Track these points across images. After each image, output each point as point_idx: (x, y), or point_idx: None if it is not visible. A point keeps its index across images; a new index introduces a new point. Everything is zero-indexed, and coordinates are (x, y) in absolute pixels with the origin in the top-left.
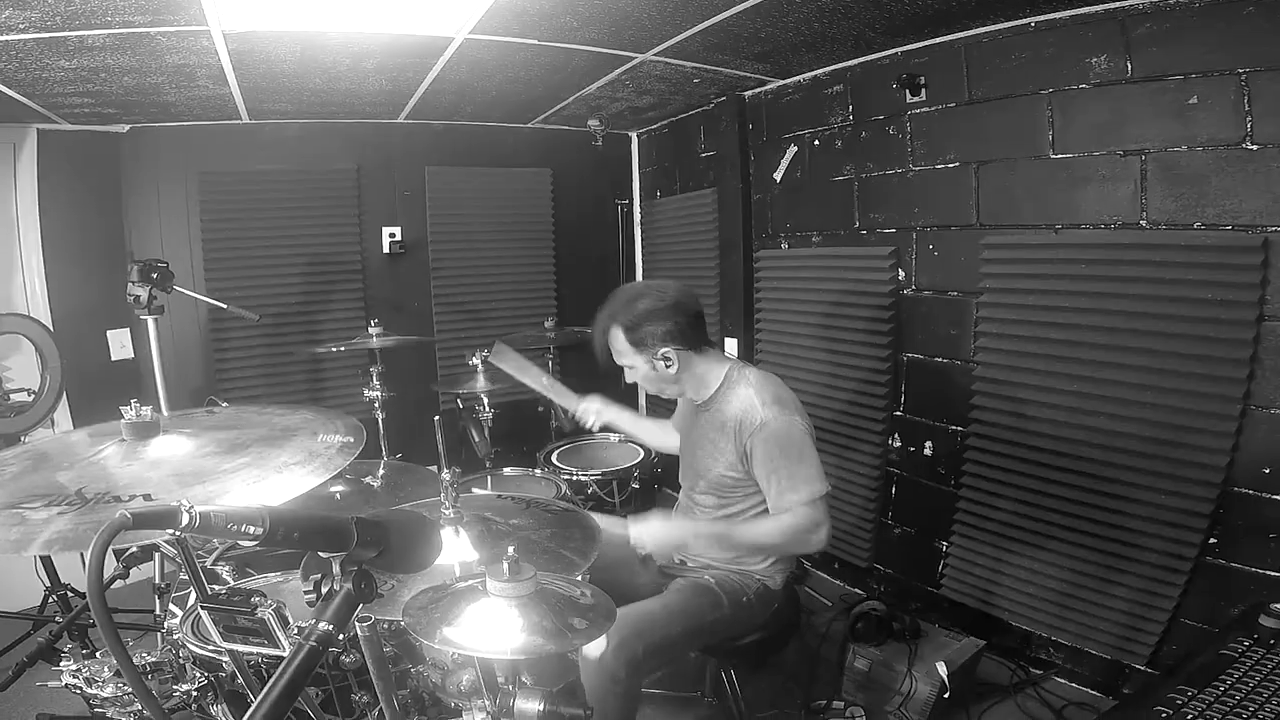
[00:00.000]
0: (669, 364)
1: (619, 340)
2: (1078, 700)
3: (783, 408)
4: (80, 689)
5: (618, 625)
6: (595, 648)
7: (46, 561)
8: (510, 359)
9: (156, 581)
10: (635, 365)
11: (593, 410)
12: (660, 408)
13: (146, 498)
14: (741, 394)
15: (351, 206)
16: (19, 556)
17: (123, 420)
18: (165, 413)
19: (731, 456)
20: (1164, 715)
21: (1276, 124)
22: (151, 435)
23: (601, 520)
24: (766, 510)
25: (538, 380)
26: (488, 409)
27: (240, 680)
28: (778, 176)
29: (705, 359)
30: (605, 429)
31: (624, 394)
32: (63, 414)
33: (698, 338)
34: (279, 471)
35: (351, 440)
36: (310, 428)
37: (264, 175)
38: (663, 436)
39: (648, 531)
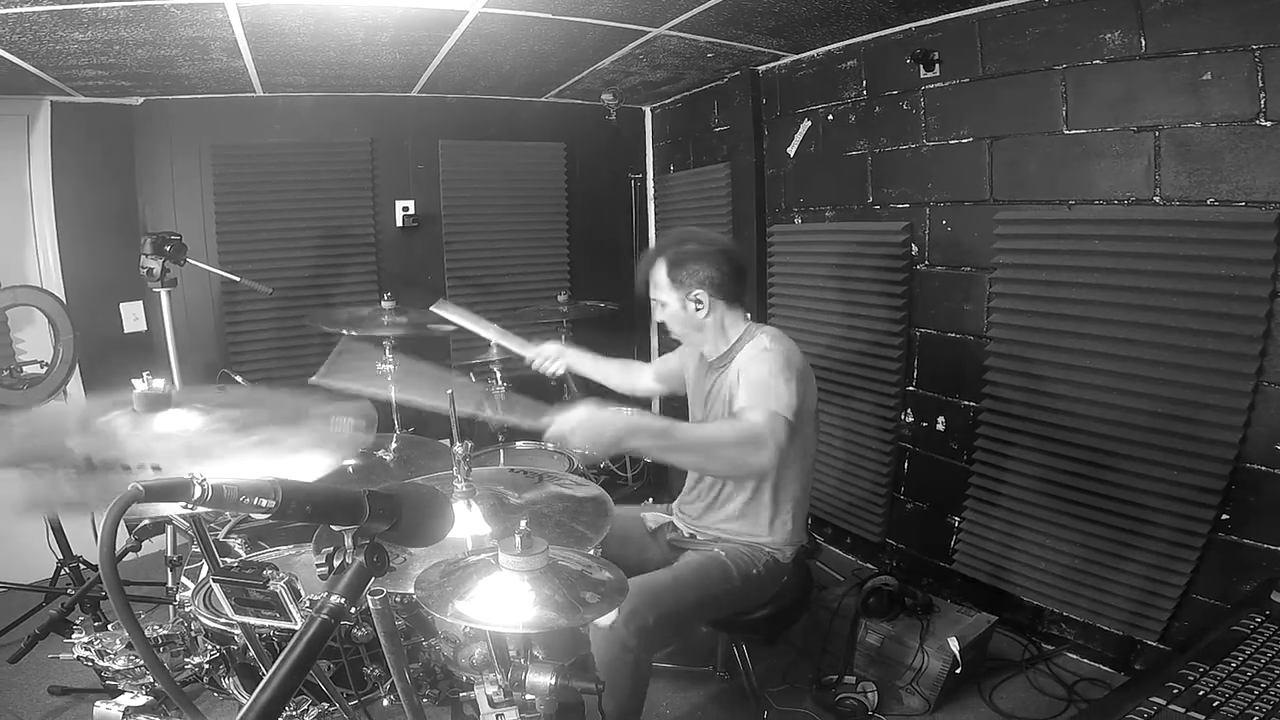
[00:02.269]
0: (699, 307)
1: (659, 273)
2: (1089, 676)
3: (785, 348)
4: (92, 661)
5: (629, 595)
6: (606, 616)
7: (59, 534)
8: (453, 310)
9: (168, 554)
10: (668, 302)
11: (550, 355)
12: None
13: (156, 469)
14: (751, 344)
15: (365, 180)
16: (31, 529)
17: (134, 391)
18: (177, 385)
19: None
20: (1176, 691)
21: None
22: (162, 408)
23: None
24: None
25: (488, 329)
26: (500, 383)
27: (252, 653)
28: (791, 151)
29: (733, 315)
30: (567, 374)
31: (622, 351)
32: (75, 386)
33: (734, 292)
34: (293, 452)
35: (364, 423)
36: (323, 413)
37: (277, 148)
38: (626, 376)
39: (571, 420)
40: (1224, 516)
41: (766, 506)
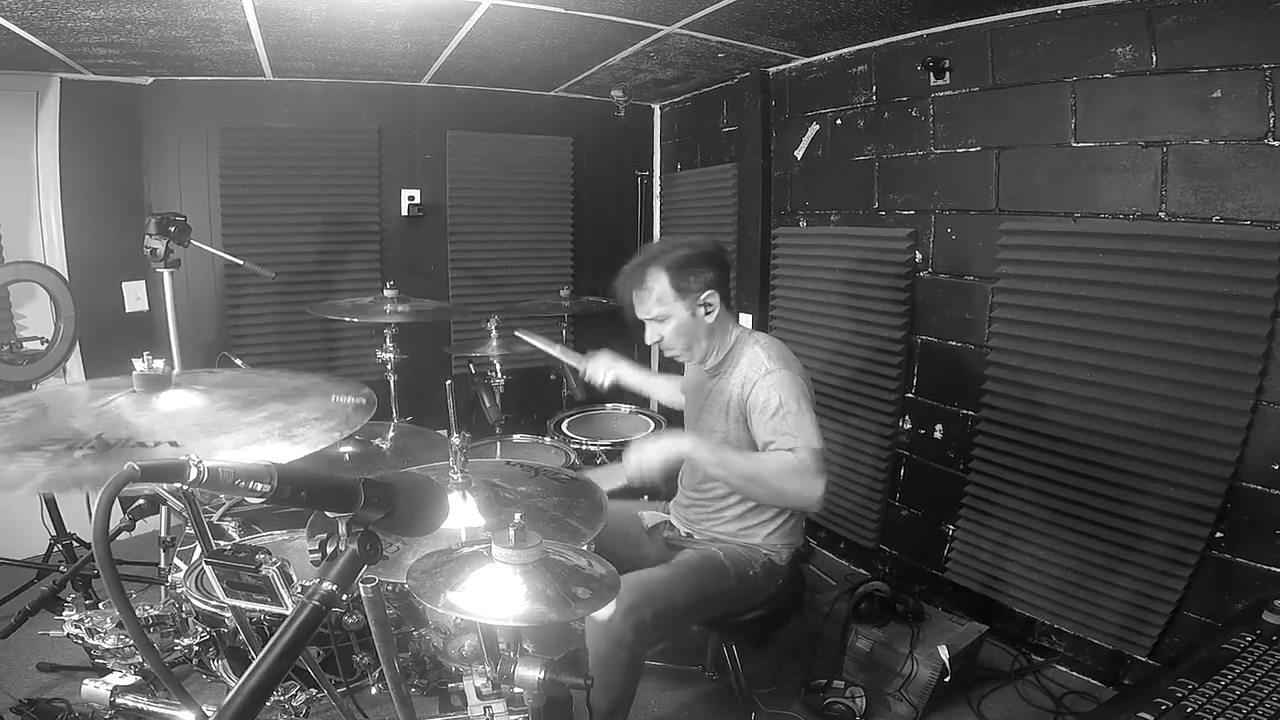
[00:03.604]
0: (709, 311)
1: (662, 284)
2: (1078, 689)
3: (787, 364)
4: (82, 639)
5: (627, 589)
6: (604, 610)
7: (52, 510)
8: (531, 335)
9: (162, 535)
10: (673, 313)
11: (602, 367)
12: (672, 370)
13: (173, 444)
14: (749, 354)
15: (372, 168)
16: (26, 505)
17: (134, 371)
18: (177, 366)
19: (737, 413)
20: (1164, 707)
21: None
22: (162, 389)
23: (598, 475)
24: None
25: (551, 346)
26: (500, 375)
27: (242, 637)
28: (799, 154)
29: (728, 316)
30: (616, 385)
31: (622, 349)
32: (75, 364)
33: (729, 291)
34: (302, 425)
35: (363, 401)
36: (322, 389)
37: (285, 133)
38: (673, 393)
39: (644, 452)
40: (1218, 534)
41: (764, 509)
